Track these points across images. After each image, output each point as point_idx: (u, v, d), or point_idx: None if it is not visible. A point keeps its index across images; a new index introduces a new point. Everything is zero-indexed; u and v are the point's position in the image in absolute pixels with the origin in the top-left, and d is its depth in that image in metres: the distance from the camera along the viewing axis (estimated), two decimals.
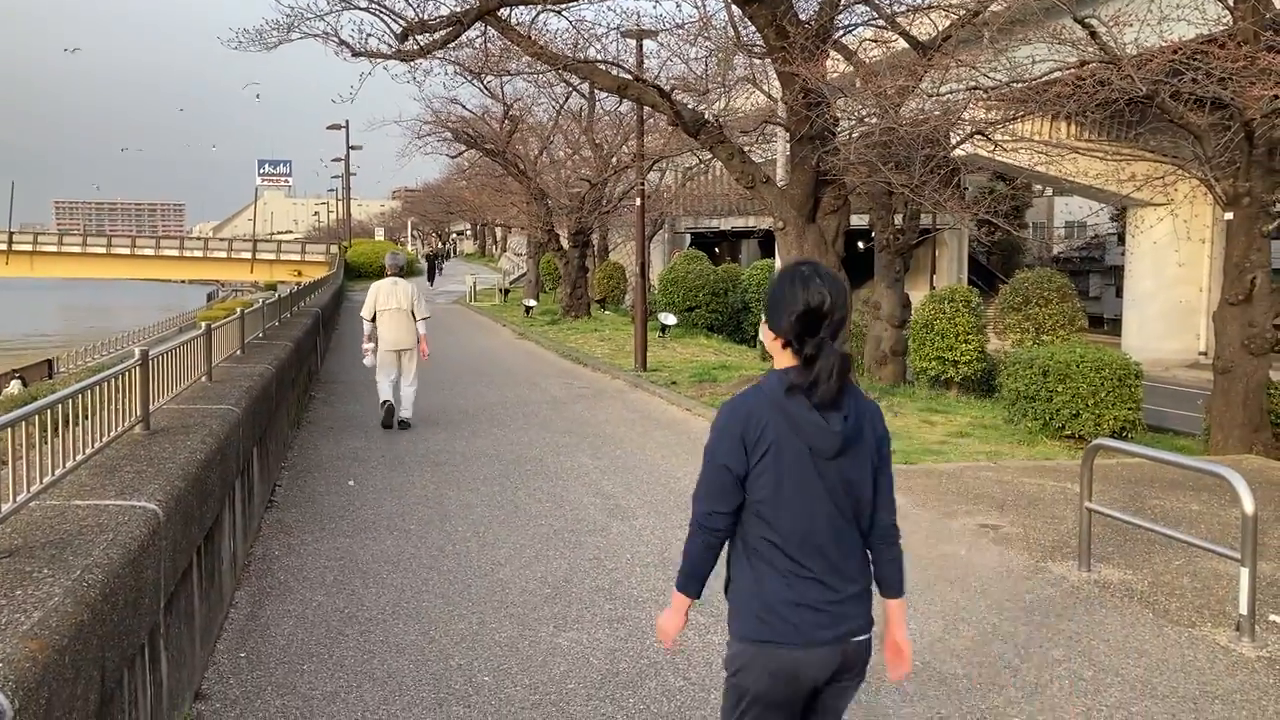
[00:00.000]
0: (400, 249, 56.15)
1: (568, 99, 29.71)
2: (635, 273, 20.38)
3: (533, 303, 33.76)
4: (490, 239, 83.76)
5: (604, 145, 29.78)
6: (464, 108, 32.32)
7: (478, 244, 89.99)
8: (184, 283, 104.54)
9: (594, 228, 32.86)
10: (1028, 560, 6.81)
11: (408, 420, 11.73)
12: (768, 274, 26.35)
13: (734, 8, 14.36)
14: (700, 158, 29.49)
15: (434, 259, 56.81)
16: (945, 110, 13.28)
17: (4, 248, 68.38)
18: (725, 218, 49.59)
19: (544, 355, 21.73)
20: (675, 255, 36.62)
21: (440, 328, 27.10)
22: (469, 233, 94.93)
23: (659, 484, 9.03)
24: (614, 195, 30.95)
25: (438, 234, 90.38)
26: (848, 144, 14.38)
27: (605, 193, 30.42)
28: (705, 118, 14.88)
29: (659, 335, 23.26)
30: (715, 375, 16.79)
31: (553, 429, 11.88)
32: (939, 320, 17.43)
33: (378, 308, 11.64)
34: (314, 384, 15.37)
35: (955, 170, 16.91)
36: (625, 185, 30.13)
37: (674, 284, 28.92)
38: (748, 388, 2.93)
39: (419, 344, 11.73)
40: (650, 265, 26.80)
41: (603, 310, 32.83)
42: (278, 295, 15.09)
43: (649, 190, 25.96)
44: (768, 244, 46.49)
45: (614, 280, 35.73)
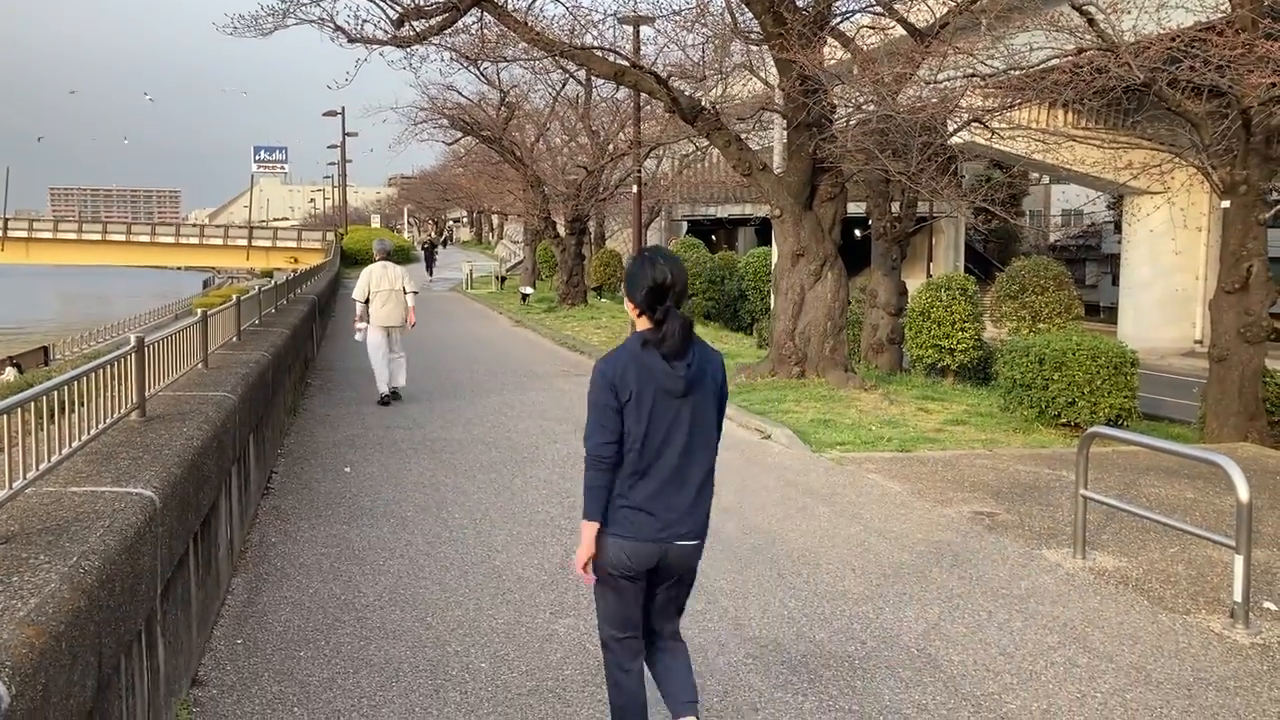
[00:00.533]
0: (392, 236, 56.20)
1: (564, 85, 29.65)
2: (632, 260, 20.35)
3: (529, 290, 33.73)
4: (487, 226, 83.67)
5: (601, 132, 29.73)
6: (460, 94, 32.29)
7: (474, 231, 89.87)
8: (180, 270, 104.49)
9: (591, 215, 32.85)
10: (1023, 547, 6.83)
11: (400, 391, 12.77)
12: (765, 262, 26.34)
13: None
14: (697, 145, 29.42)
15: (431, 248, 52.49)
16: (942, 98, 13.26)
17: None
18: (722, 205, 49.53)
19: (541, 343, 21.73)
20: (672, 243, 36.60)
21: (437, 315, 27.11)
22: (465, 220, 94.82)
23: None
24: (610, 182, 30.91)
25: (434, 221, 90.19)
26: (845, 131, 14.36)
27: (602, 180, 30.38)
28: (702, 104, 14.86)
29: None
30: None
31: (549, 416, 11.88)
32: (935, 308, 17.43)
33: (371, 290, 12.62)
34: (310, 371, 15.36)
35: (952, 158, 16.88)
36: (622, 172, 30.09)
37: None
38: (616, 347, 3.70)
39: (407, 318, 12.83)
40: None
41: (599, 298, 32.81)
42: (274, 282, 15.06)
43: (646, 177, 25.93)
44: (764, 231, 46.48)
45: (611, 268, 35.70)
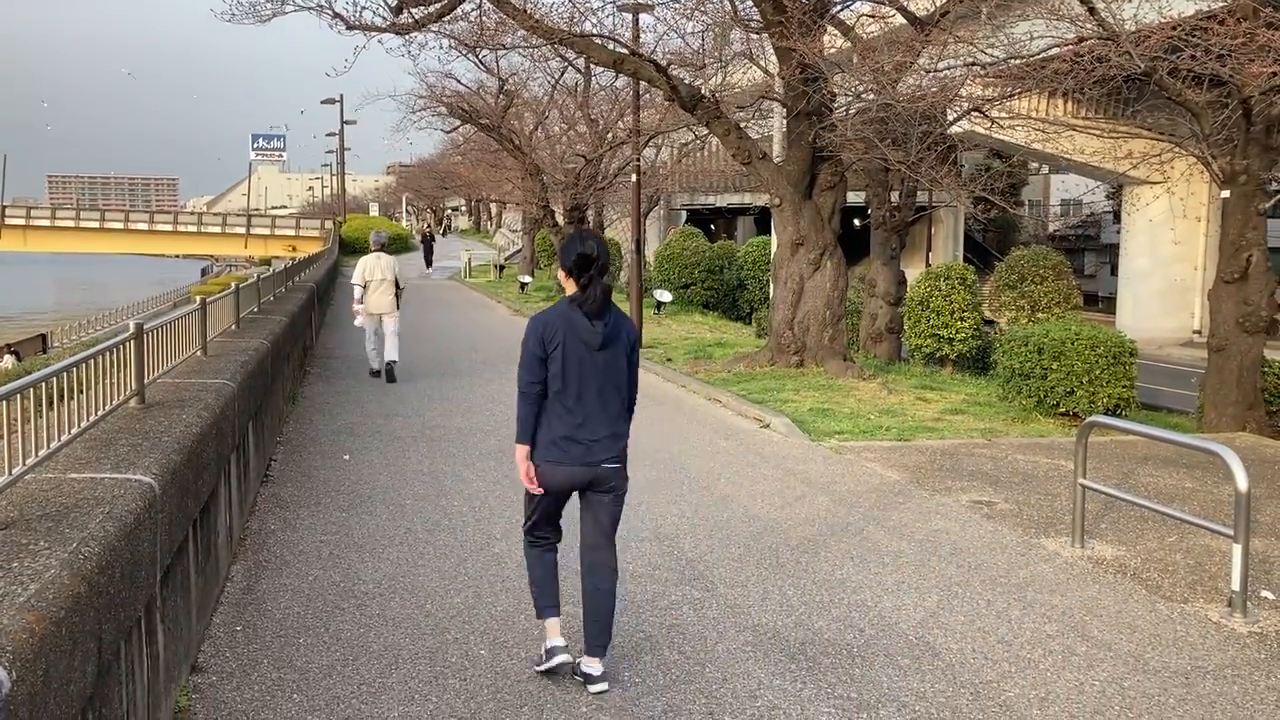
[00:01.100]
0: (388, 227, 56.11)
1: (563, 74, 29.58)
2: (631, 249, 20.34)
3: (528, 279, 33.69)
4: (485, 215, 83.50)
5: (599, 121, 29.66)
6: (459, 82, 32.19)
7: (473, 220, 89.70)
8: (178, 258, 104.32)
9: (589, 204, 32.75)
10: (1021, 536, 6.84)
11: (394, 366, 13.49)
12: (764, 251, 26.32)
13: None
14: (696, 134, 29.36)
15: (430, 239, 49.70)
16: (942, 86, 13.23)
17: None
18: (721, 194, 49.46)
19: None
20: (671, 232, 36.56)
21: (436, 303, 27.09)
22: (464, 209, 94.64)
23: (654, 460, 9.04)
24: (609, 171, 30.83)
25: (433, 210, 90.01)
26: (844, 120, 14.34)
27: (601, 169, 30.31)
28: (702, 93, 14.82)
29: (654, 312, 23.25)
30: (711, 352, 16.79)
31: None
32: (934, 297, 17.44)
33: (365, 278, 13.61)
34: (309, 359, 15.35)
35: (952, 147, 16.89)
36: (621, 161, 30.00)
37: (669, 261, 28.88)
38: (550, 306, 4.58)
39: (396, 308, 13.73)
40: (646, 242, 26.72)
41: None
42: (272, 270, 15.04)
43: (645, 166, 25.86)
44: (764, 221, 46.40)
45: (609, 257, 35.62)
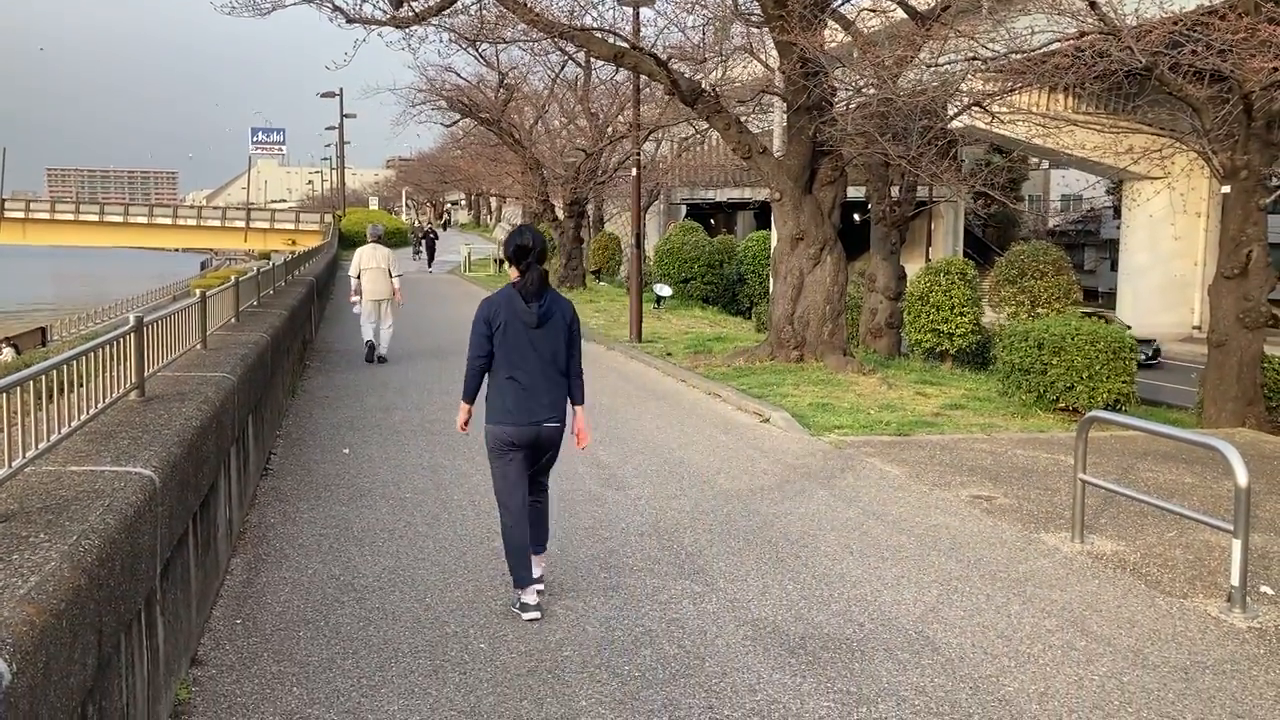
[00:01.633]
0: (389, 219, 56.04)
1: (563, 67, 29.56)
2: (631, 244, 20.33)
3: None
4: (485, 209, 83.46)
5: (600, 115, 29.64)
6: (459, 76, 32.22)
7: (472, 214, 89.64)
8: (177, 251, 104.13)
9: (589, 198, 32.76)
10: (1021, 531, 6.85)
11: (385, 356, 14.46)
12: (764, 246, 26.31)
13: None
14: (697, 128, 29.37)
15: (431, 238, 45.15)
16: (943, 81, 13.23)
17: None
18: (721, 189, 49.36)
19: None
20: (671, 226, 36.54)
21: (435, 298, 27.06)
22: (463, 202, 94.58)
23: (654, 454, 9.05)
24: (609, 165, 30.83)
25: (433, 204, 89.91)
26: (845, 115, 14.32)
27: (601, 163, 30.30)
28: (702, 87, 14.80)
29: (654, 307, 23.24)
30: (711, 346, 16.79)
31: None
32: (934, 293, 17.43)
33: (362, 267, 14.51)
34: (309, 353, 15.35)
35: (952, 142, 16.85)
36: (621, 155, 30.00)
37: (669, 255, 28.87)
38: (496, 290, 5.39)
39: (394, 294, 14.56)
40: (646, 236, 26.73)
41: (598, 281, 32.79)
42: (272, 264, 15.03)
43: (645, 161, 25.85)
44: (764, 216, 46.36)
45: (609, 251, 35.64)
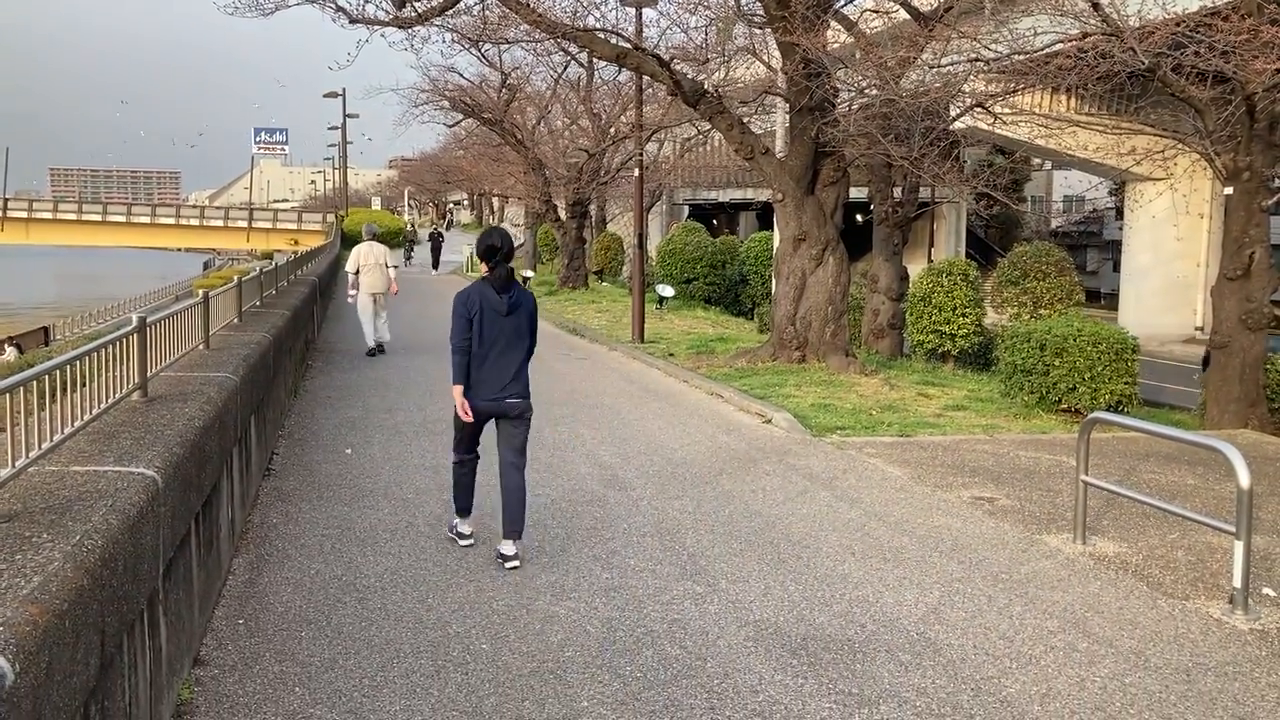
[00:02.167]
0: (392, 219, 56.13)
1: (566, 68, 29.57)
2: (633, 244, 20.33)
3: (530, 274, 33.68)
4: (487, 209, 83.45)
5: (602, 115, 29.64)
6: (461, 76, 32.21)
7: (475, 214, 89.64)
8: (180, 251, 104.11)
9: (592, 199, 32.77)
10: (1023, 533, 6.84)
11: (385, 344, 15.52)
12: (766, 246, 26.31)
13: None
14: (699, 128, 29.34)
15: (437, 240, 42.94)
16: (946, 82, 13.21)
17: None
18: (723, 190, 49.33)
19: (541, 326, 21.47)
20: (673, 227, 36.54)
21: (437, 298, 27.05)
22: (466, 203, 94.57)
23: (656, 455, 9.05)
24: (612, 166, 30.82)
25: (435, 204, 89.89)
26: (847, 116, 14.32)
27: (603, 163, 30.30)
28: (704, 88, 14.80)
29: (656, 307, 23.24)
30: (713, 347, 16.79)
31: (550, 400, 11.87)
32: (937, 294, 17.42)
33: (360, 264, 15.68)
34: (311, 352, 15.36)
35: (955, 143, 16.87)
36: (623, 156, 30.01)
37: (672, 256, 28.86)
38: (472, 284, 6.21)
39: (390, 287, 15.80)
40: (648, 237, 26.71)
41: (600, 282, 32.78)
42: (274, 264, 15.03)
43: (647, 161, 25.85)
44: (766, 216, 46.35)
45: (612, 252, 35.63)
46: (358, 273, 15.63)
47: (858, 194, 23.67)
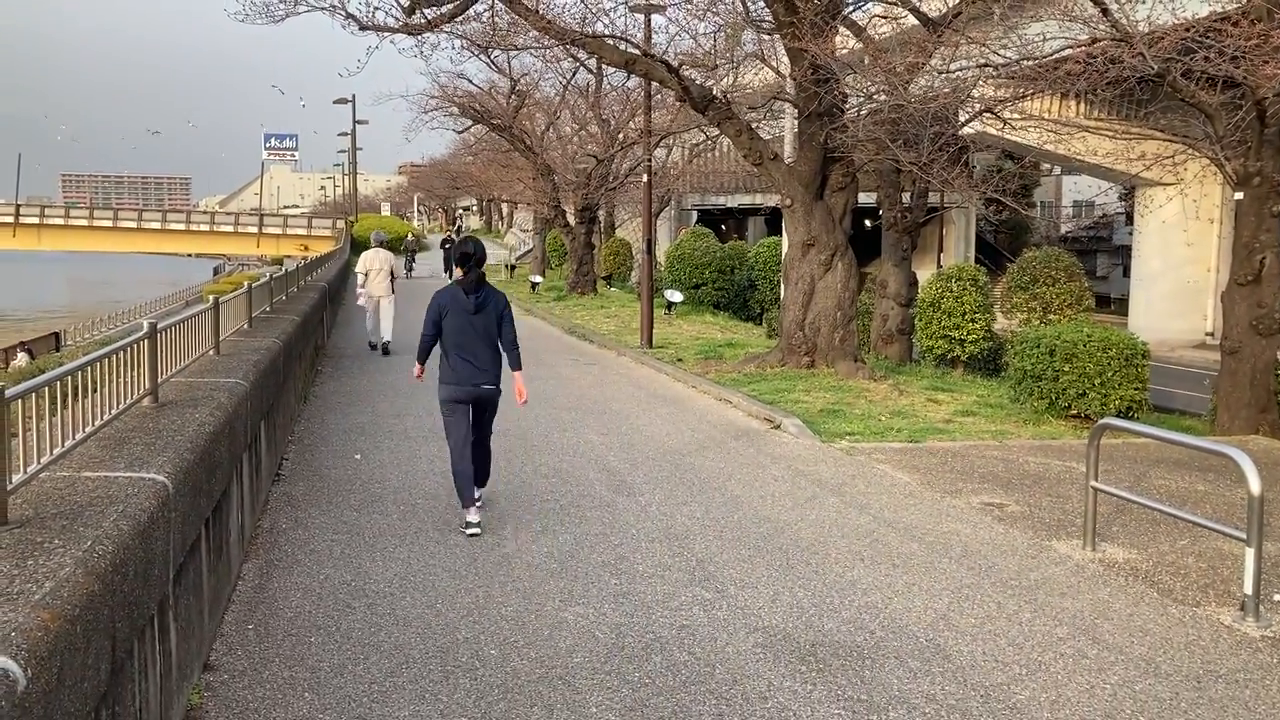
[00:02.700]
0: (403, 226, 56.36)
1: (575, 74, 29.59)
2: (641, 249, 20.34)
3: (539, 279, 33.72)
4: (496, 215, 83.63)
5: (611, 121, 29.68)
6: (470, 82, 32.33)
7: (484, 219, 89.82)
8: (190, 256, 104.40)
9: (600, 204, 32.80)
10: (1032, 539, 6.83)
11: (388, 345, 16.40)
12: (774, 252, 26.29)
13: None
14: (708, 134, 29.32)
15: (446, 247, 40.60)
16: (954, 88, 13.20)
17: (11, 220, 68.35)
18: (732, 195, 49.39)
19: (550, 331, 21.74)
20: (682, 232, 36.56)
21: None
22: (475, 208, 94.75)
23: (664, 460, 9.05)
24: (621, 172, 30.86)
25: (444, 209, 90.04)
26: (856, 121, 14.32)
27: (612, 169, 30.33)
28: (713, 93, 14.82)
29: (665, 312, 23.25)
30: (721, 352, 16.78)
31: (558, 405, 11.89)
32: (946, 299, 17.40)
33: (368, 269, 16.98)
34: (321, 358, 15.40)
35: (964, 148, 16.85)
36: (632, 162, 30.04)
37: (680, 261, 28.86)
38: (445, 286, 7.23)
39: (391, 291, 16.95)
40: (656, 242, 26.70)
41: (609, 287, 32.80)
42: (284, 270, 15.08)
43: (656, 167, 25.88)
44: (775, 221, 46.31)
45: (620, 257, 35.65)
46: (367, 275, 17.03)
47: (866, 199, 23.64)
